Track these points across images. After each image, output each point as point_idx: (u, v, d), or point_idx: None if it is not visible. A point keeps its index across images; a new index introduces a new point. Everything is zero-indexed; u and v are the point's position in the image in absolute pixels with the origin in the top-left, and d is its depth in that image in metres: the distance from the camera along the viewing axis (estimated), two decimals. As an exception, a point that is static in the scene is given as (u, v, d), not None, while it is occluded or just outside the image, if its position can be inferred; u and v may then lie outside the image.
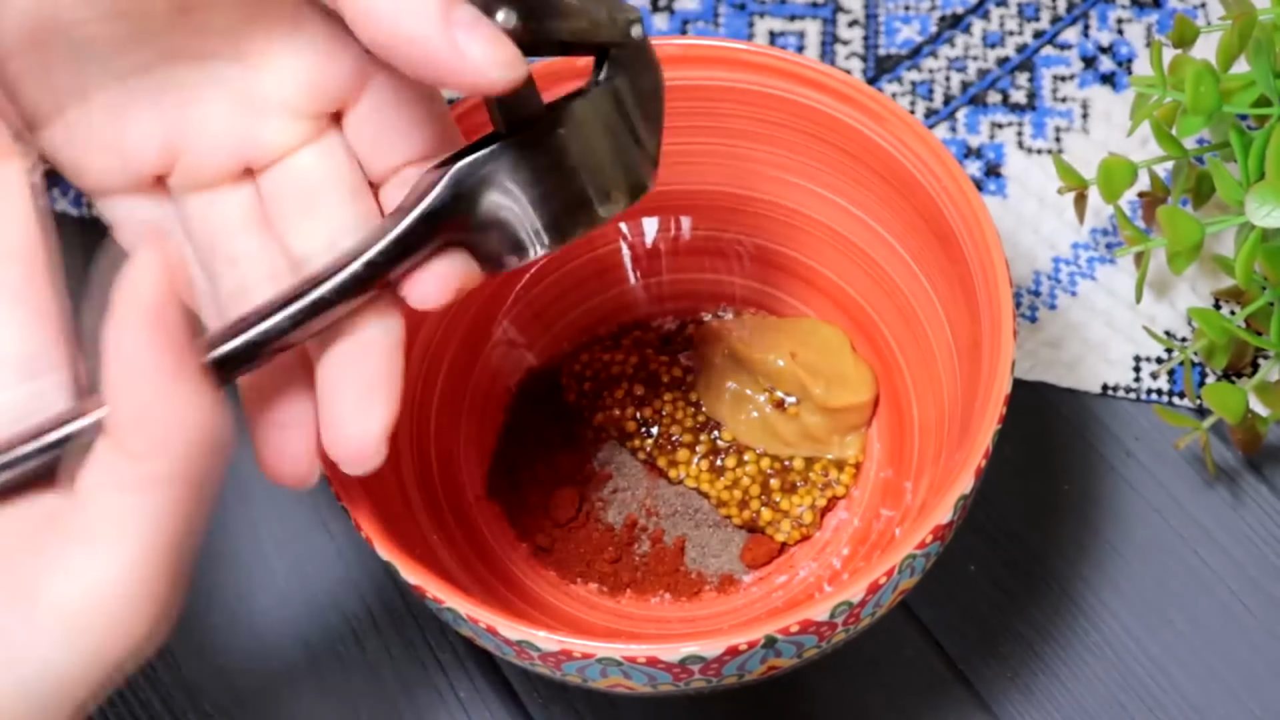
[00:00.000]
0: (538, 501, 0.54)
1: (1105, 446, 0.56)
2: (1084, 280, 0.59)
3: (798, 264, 0.55)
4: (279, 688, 0.53)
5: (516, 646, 0.41)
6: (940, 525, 0.42)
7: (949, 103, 0.63)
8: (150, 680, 0.53)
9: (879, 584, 0.41)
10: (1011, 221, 0.60)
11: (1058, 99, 0.63)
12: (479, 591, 0.49)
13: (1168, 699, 0.51)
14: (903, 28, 0.65)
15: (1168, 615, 0.53)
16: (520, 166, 0.37)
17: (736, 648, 0.40)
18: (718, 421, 0.54)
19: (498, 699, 0.52)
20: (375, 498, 0.45)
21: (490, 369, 0.56)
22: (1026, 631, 0.53)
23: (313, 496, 0.56)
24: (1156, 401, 0.56)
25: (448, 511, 0.52)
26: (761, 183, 0.53)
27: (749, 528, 0.53)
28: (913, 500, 0.51)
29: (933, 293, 0.51)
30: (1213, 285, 0.58)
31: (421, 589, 0.42)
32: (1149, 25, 0.65)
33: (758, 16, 0.66)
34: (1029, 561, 0.54)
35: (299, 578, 0.55)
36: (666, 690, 0.42)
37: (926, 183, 0.48)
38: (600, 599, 0.52)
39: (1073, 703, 0.51)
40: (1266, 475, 0.55)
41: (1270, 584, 0.53)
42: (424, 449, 0.52)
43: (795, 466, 0.54)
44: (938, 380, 0.51)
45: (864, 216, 0.52)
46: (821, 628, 0.41)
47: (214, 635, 0.54)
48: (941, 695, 0.52)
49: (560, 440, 0.55)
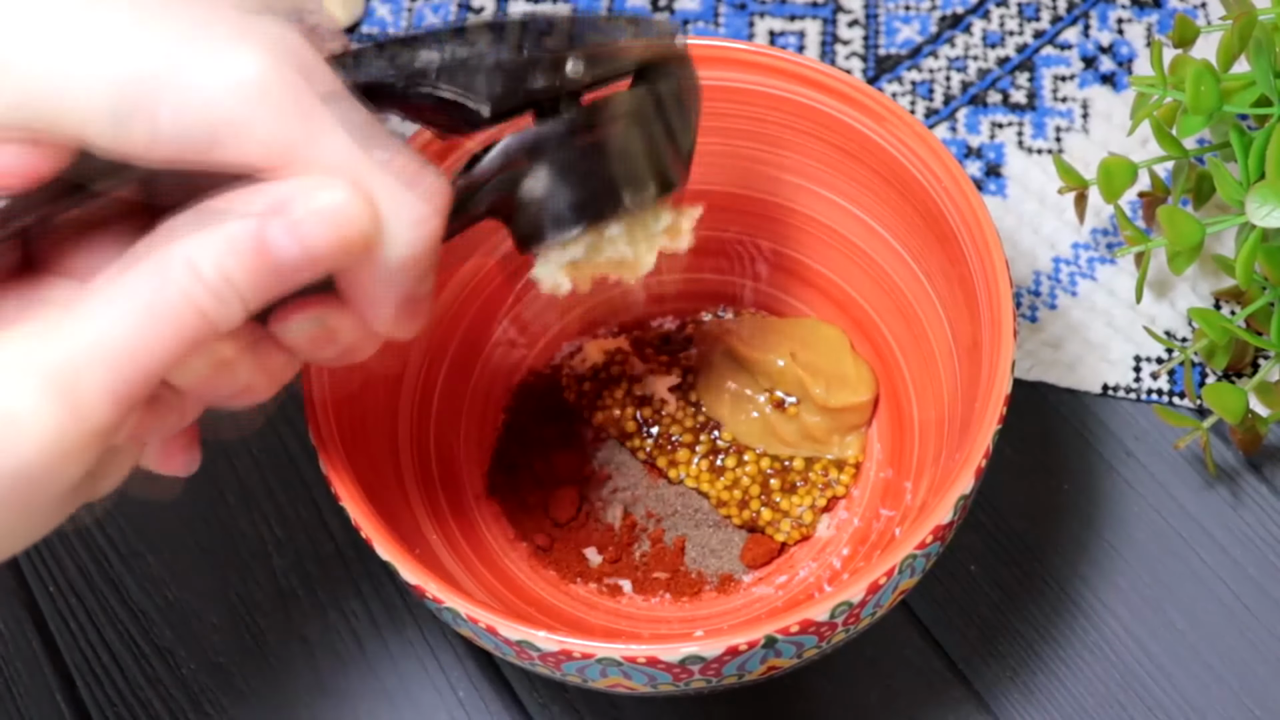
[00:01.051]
0: (537, 501, 0.54)
1: (1105, 446, 0.56)
2: (1084, 280, 0.59)
3: (798, 264, 0.55)
4: (279, 689, 0.53)
5: (516, 646, 0.41)
6: (940, 525, 0.42)
7: (949, 103, 0.63)
8: (150, 680, 0.53)
9: (879, 584, 0.41)
10: (1011, 221, 0.60)
11: (1058, 99, 0.63)
12: (479, 591, 0.49)
13: (1167, 698, 0.51)
14: (903, 28, 0.65)
15: (1167, 615, 0.53)
16: (568, 144, 0.39)
17: (736, 648, 0.40)
18: (718, 421, 0.54)
19: (498, 699, 0.52)
20: (375, 498, 0.45)
21: (490, 369, 0.56)
22: (1026, 631, 0.53)
23: (313, 496, 0.56)
24: (1156, 401, 0.56)
25: (448, 511, 0.52)
26: (762, 183, 0.53)
27: (749, 528, 0.53)
28: (913, 500, 0.51)
29: (933, 293, 0.51)
30: (1213, 285, 0.58)
31: (421, 589, 0.42)
32: (1149, 25, 0.65)
33: (758, 16, 0.66)
34: (1029, 561, 0.54)
35: (299, 577, 0.55)
36: (666, 690, 0.42)
37: (926, 183, 0.48)
38: (600, 599, 0.52)
39: (1072, 702, 0.51)
40: (1266, 475, 0.55)
41: (1270, 584, 0.53)
42: (424, 449, 0.52)
43: (795, 466, 0.54)
44: (938, 380, 0.51)
45: (864, 216, 0.52)
46: (821, 628, 0.41)
47: (214, 635, 0.54)
48: (941, 695, 0.52)
49: (560, 440, 0.55)
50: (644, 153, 0.41)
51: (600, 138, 0.40)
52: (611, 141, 0.40)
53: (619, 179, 0.40)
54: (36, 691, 0.53)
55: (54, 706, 0.53)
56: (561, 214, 0.40)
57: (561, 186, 0.39)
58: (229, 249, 0.33)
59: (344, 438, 0.45)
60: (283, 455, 0.57)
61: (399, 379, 0.52)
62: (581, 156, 0.39)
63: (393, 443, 0.51)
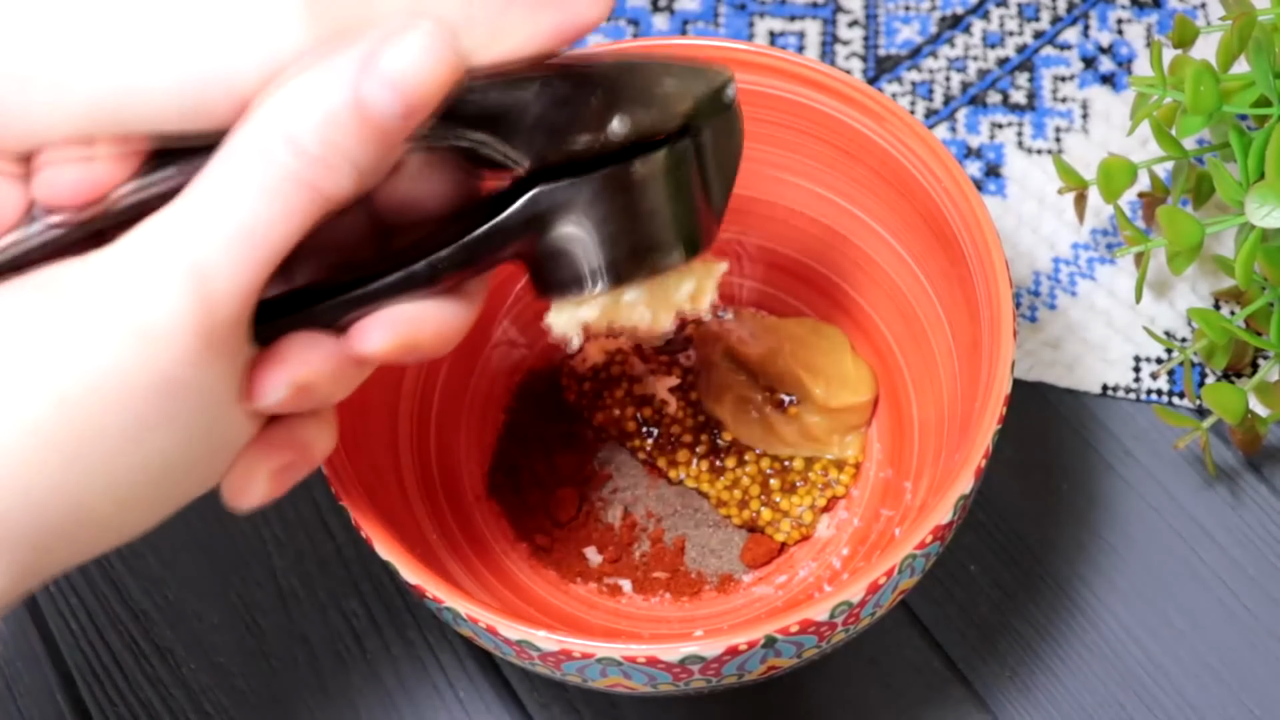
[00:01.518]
0: (537, 501, 0.54)
1: (1105, 446, 0.56)
2: (1084, 280, 0.59)
3: (798, 264, 0.55)
4: (279, 689, 0.53)
5: (516, 646, 0.42)
6: (940, 525, 0.42)
7: (949, 103, 0.63)
8: (150, 680, 0.53)
9: (879, 584, 0.41)
10: (1011, 222, 0.60)
11: (1058, 99, 0.63)
12: (479, 591, 0.49)
13: (1166, 698, 0.51)
14: (903, 28, 0.65)
15: (1167, 615, 0.53)
16: (597, 203, 0.38)
17: (736, 648, 0.40)
18: (718, 421, 0.54)
19: (498, 699, 0.52)
20: (375, 498, 0.45)
21: (490, 369, 0.56)
22: (1026, 631, 0.53)
23: (313, 496, 0.56)
24: (1156, 402, 0.56)
25: (448, 511, 0.52)
26: (762, 183, 0.53)
27: (749, 528, 0.53)
28: (912, 500, 0.51)
29: (933, 293, 0.51)
30: (1213, 285, 0.58)
31: (421, 589, 0.42)
32: (1149, 26, 0.65)
33: (758, 16, 0.66)
34: (1028, 561, 0.54)
35: (299, 577, 0.55)
36: (666, 690, 0.42)
37: (926, 183, 0.48)
38: (600, 599, 0.52)
39: (1071, 702, 0.51)
40: (1266, 475, 0.55)
41: (1269, 584, 0.53)
42: (424, 449, 0.52)
43: (795, 466, 0.54)
44: (938, 380, 0.51)
45: (864, 217, 0.52)
46: (821, 628, 0.41)
47: (214, 635, 0.54)
48: (941, 695, 0.52)
49: (560, 440, 0.55)
50: (676, 215, 0.39)
51: (632, 199, 0.38)
52: (644, 204, 0.38)
53: (646, 243, 0.39)
54: (37, 691, 0.53)
55: (54, 706, 0.53)
56: (582, 274, 0.38)
57: (587, 246, 0.38)
58: (327, 120, 0.33)
59: (344, 437, 0.45)
60: (283, 455, 0.57)
61: (399, 379, 0.52)
62: (610, 217, 0.38)
63: (393, 443, 0.51)
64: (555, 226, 0.38)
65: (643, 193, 0.38)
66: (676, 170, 0.38)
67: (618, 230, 0.38)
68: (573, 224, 0.38)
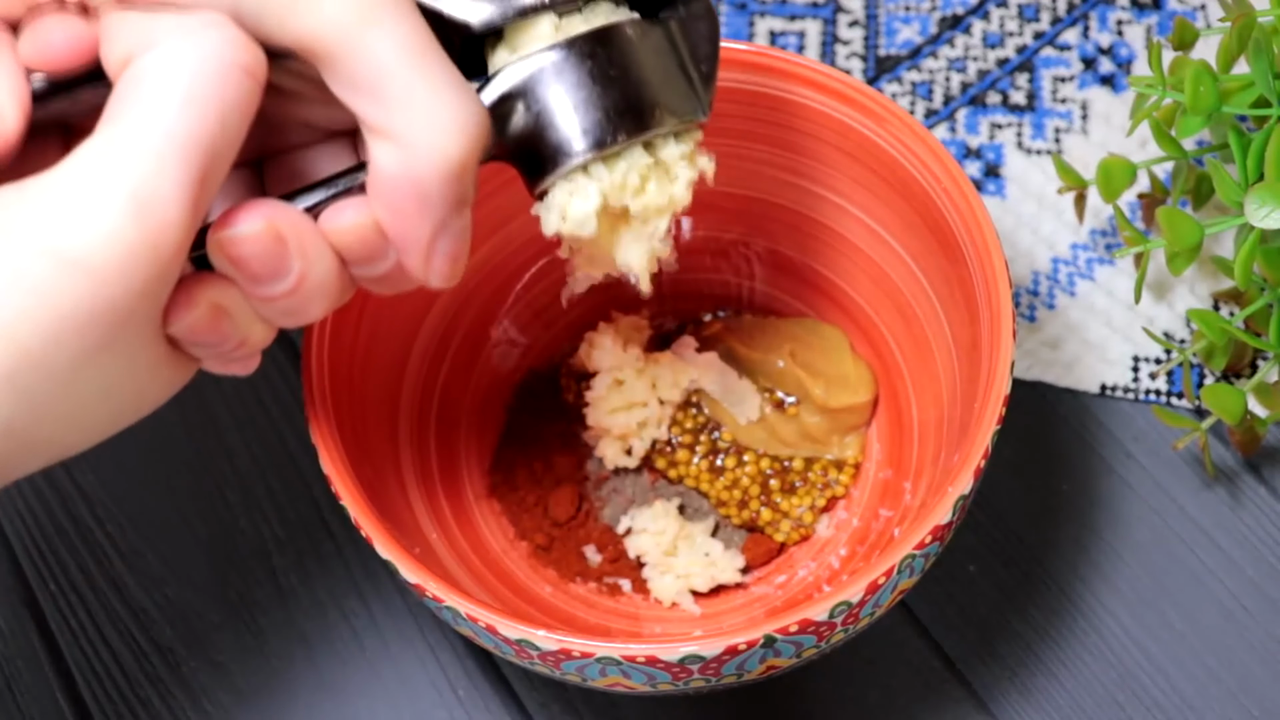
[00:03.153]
0: (537, 500, 0.54)
1: (1104, 447, 0.56)
2: (1083, 281, 0.59)
3: (797, 264, 0.55)
4: (279, 687, 0.53)
5: (516, 646, 0.42)
6: (939, 526, 0.42)
7: (949, 103, 0.63)
8: (150, 680, 0.53)
9: (878, 584, 0.41)
10: (1011, 222, 0.60)
11: (1057, 100, 0.63)
12: (479, 591, 0.49)
13: (1165, 699, 0.51)
14: (903, 28, 0.65)
15: (1166, 615, 0.53)
16: (565, 70, 0.38)
17: (736, 648, 0.40)
18: (718, 421, 0.54)
19: (498, 698, 0.52)
20: (375, 497, 0.45)
21: (490, 369, 0.56)
22: (1025, 631, 0.53)
23: (313, 495, 0.56)
24: (1155, 402, 0.57)
25: (448, 511, 0.52)
26: (762, 183, 0.53)
27: (749, 528, 0.53)
28: (912, 500, 0.51)
29: (932, 293, 0.51)
30: (1212, 286, 0.58)
31: (421, 588, 0.42)
32: (1149, 27, 0.65)
33: (758, 16, 0.66)
34: (1027, 561, 0.54)
35: (299, 576, 0.55)
36: (666, 690, 0.42)
37: (926, 183, 0.48)
38: (600, 598, 0.52)
39: (1071, 702, 0.51)
40: (1265, 476, 0.55)
41: (1268, 585, 0.53)
42: (424, 448, 0.52)
43: (795, 467, 0.54)
44: (937, 380, 0.51)
45: (864, 217, 0.52)
46: (820, 628, 0.41)
47: (214, 635, 0.54)
48: (940, 695, 0.52)
49: (560, 440, 0.55)
50: (657, 78, 0.39)
51: (606, 60, 0.38)
52: (617, 65, 0.38)
53: (630, 100, 0.38)
54: (37, 689, 0.53)
55: (54, 704, 0.53)
56: (565, 139, 0.38)
57: (569, 110, 0.38)
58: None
59: (344, 436, 0.45)
60: (283, 454, 0.57)
61: (399, 378, 0.52)
62: (586, 79, 0.38)
63: (393, 442, 0.51)
64: (530, 99, 0.38)
65: (611, 57, 0.38)
66: (643, 40, 0.39)
67: (591, 94, 0.38)
68: (545, 93, 0.38)
